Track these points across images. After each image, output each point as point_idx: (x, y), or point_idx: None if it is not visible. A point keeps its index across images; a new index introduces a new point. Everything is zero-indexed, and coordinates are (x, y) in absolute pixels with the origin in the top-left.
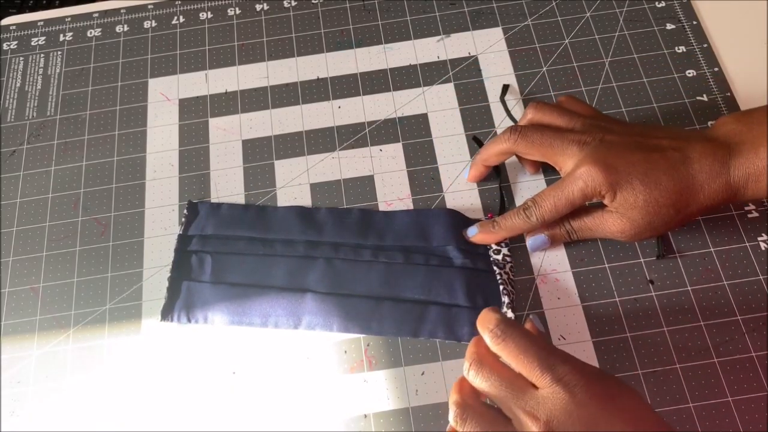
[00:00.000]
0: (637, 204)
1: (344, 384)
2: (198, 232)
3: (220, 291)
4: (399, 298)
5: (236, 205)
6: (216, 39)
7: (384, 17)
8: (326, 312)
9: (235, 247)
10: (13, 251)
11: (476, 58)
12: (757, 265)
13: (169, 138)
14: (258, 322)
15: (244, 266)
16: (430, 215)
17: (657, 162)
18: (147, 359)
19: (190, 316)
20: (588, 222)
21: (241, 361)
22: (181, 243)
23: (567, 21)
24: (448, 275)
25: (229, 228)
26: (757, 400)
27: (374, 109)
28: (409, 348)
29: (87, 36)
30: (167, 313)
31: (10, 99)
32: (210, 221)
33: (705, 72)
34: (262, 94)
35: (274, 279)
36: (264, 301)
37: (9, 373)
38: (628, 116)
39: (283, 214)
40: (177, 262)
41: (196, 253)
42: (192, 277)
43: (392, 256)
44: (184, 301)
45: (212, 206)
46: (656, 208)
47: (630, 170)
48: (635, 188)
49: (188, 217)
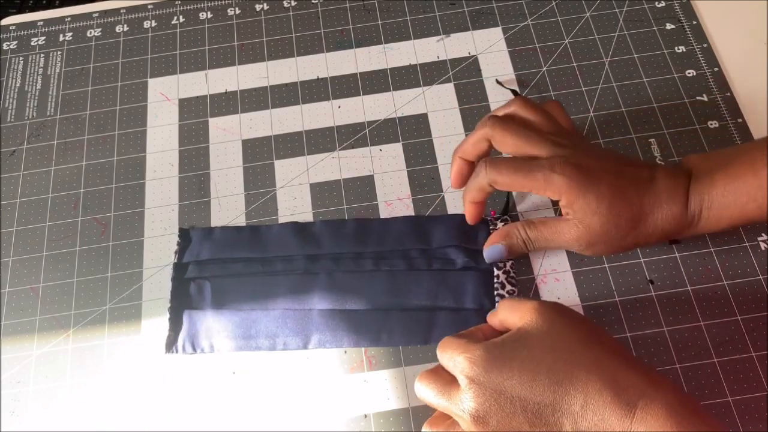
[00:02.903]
0: (599, 210)
1: (344, 384)
2: (193, 258)
3: (224, 316)
4: (406, 307)
5: (229, 228)
6: (216, 39)
7: (384, 17)
8: (334, 327)
9: (233, 270)
10: (13, 251)
11: (476, 58)
12: (757, 265)
13: (169, 138)
14: (266, 345)
15: (244, 289)
16: (427, 219)
17: (626, 174)
18: (147, 359)
19: (195, 346)
20: (545, 231)
21: (241, 361)
22: (177, 271)
23: (567, 21)
24: (453, 279)
25: (225, 251)
26: (757, 400)
27: (374, 109)
28: (409, 348)
29: (87, 36)
30: (171, 345)
31: (10, 99)
32: (204, 246)
33: (705, 72)
34: (262, 94)
35: (278, 299)
36: (269, 322)
37: (9, 373)
38: (628, 116)
39: (279, 232)
40: (175, 291)
41: (193, 280)
42: (192, 305)
43: (394, 263)
44: (187, 331)
45: (205, 231)
46: (616, 218)
47: (600, 175)
48: (602, 192)
49: (181, 245)
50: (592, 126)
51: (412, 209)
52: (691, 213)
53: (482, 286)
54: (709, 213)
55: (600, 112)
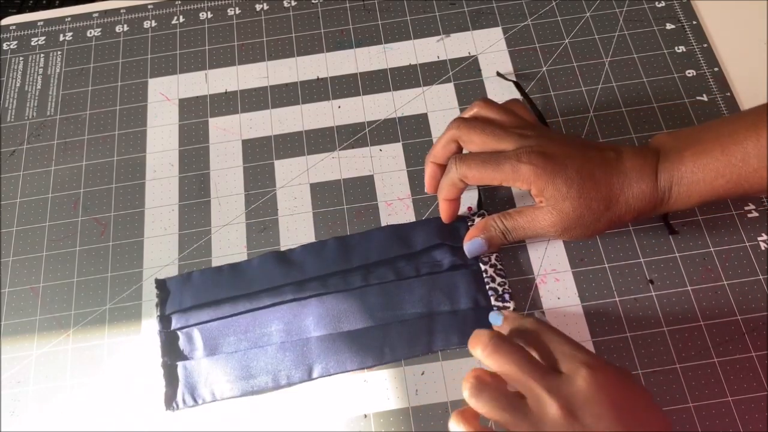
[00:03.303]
0: (570, 194)
1: (344, 384)
2: (176, 308)
3: (220, 362)
4: (403, 318)
5: (207, 270)
6: (216, 39)
7: (384, 17)
8: (335, 352)
9: (220, 312)
10: (13, 251)
11: (476, 58)
12: (757, 265)
13: (169, 138)
14: (269, 383)
15: (235, 329)
16: (405, 226)
17: (593, 157)
18: (147, 359)
19: (195, 398)
20: (520, 220)
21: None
22: (163, 324)
23: (567, 21)
24: (444, 281)
25: (208, 294)
26: (757, 400)
27: (374, 108)
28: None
29: (87, 36)
30: (171, 401)
31: (10, 99)
32: (186, 294)
33: (705, 72)
34: (262, 93)
35: (272, 333)
36: (268, 358)
37: (9, 373)
38: (628, 116)
39: (259, 264)
40: (164, 345)
41: (180, 330)
42: (185, 356)
43: (383, 275)
44: (185, 385)
45: (182, 278)
46: (588, 201)
47: (566, 161)
48: (570, 176)
49: (161, 296)
50: (592, 126)
51: (412, 209)
52: (662, 189)
53: (474, 282)
54: (679, 189)
55: (600, 112)
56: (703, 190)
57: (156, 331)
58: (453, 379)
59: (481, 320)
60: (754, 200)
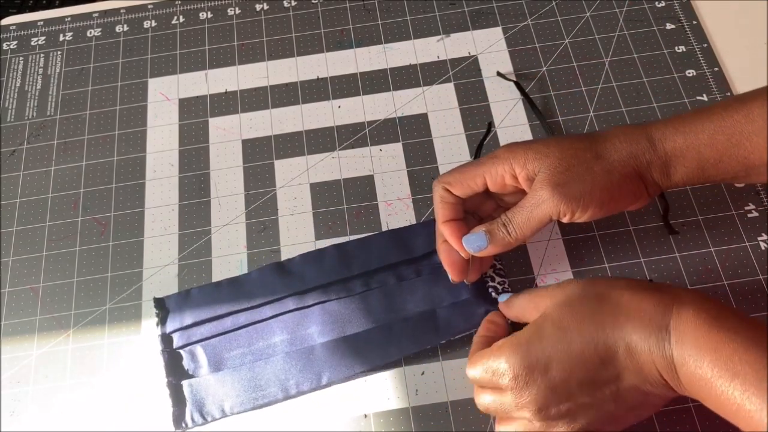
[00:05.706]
0: (550, 150)
1: (344, 384)
2: (177, 326)
3: (227, 378)
4: (406, 317)
5: (206, 286)
6: (216, 39)
7: (384, 17)
8: (342, 356)
9: (222, 327)
10: (13, 251)
11: (476, 58)
12: (757, 265)
13: (169, 138)
14: (279, 394)
15: (239, 343)
16: (404, 230)
17: (573, 138)
18: (147, 359)
19: (204, 415)
20: (518, 206)
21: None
22: (165, 343)
23: (567, 21)
24: (446, 280)
25: (208, 310)
26: None
27: (374, 108)
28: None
29: (87, 36)
30: (180, 421)
31: (10, 99)
32: (186, 311)
33: (705, 72)
34: (262, 93)
35: (276, 344)
36: (275, 370)
37: (9, 373)
38: (628, 116)
39: (258, 276)
40: (168, 364)
41: (183, 348)
42: (190, 375)
43: (383, 280)
44: (192, 403)
45: (181, 296)
46: (572, 150)
47: (543, 140)
48: (548, 142)
49: (160, 315)
50: (592, 126)
51: (412, 209)
52: (649, 136)
53: (475, 282)
54: (665, 146)
55: (600, 112)
56: (694, 150)
57: (158, 351)
58: (453, 379)
59: (483, 303)
60: (754, 200)
